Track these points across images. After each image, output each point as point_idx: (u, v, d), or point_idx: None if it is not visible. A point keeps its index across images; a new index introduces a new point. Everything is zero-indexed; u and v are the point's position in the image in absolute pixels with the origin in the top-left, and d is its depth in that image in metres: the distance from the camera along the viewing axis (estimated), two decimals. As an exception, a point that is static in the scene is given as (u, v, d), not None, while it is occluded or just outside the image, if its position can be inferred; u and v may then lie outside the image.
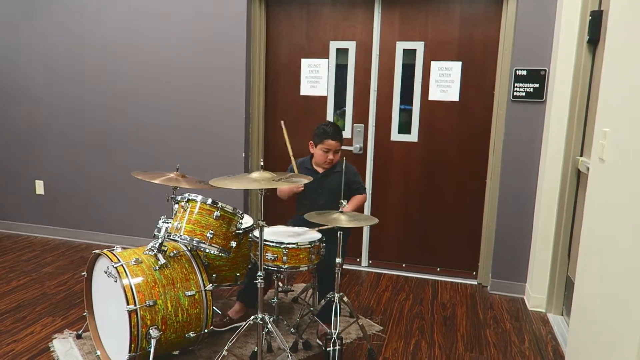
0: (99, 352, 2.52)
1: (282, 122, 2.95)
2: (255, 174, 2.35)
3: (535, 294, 3.39)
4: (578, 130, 3.10)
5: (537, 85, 3.39)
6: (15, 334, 2.82)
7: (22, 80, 4.37)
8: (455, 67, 3.69)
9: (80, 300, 3.23)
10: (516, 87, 3.42)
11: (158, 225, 2.51)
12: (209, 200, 2.48)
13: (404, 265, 4.01)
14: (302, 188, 2.94)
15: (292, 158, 2.97)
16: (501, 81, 3.54)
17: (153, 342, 2.29)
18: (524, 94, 3.41)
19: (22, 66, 4.35)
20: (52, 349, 2.66)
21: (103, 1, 4.07)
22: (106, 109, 4.22)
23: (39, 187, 4.51)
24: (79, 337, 2.75)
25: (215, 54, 3.91)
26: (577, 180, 3.15)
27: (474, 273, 3.87)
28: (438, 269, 3.94)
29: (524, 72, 3.39)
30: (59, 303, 3.23)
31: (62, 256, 4.09)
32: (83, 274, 2.60)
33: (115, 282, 2.34)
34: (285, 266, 2.53)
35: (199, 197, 2.48)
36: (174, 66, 4.01)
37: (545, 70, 3.35)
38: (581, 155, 3.09)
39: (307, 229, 2.77)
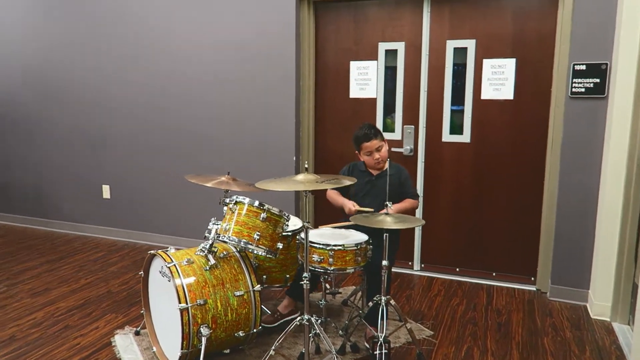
0: (155, 349, 2.64)
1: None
2: (300, 176, 2.38)
3: (599, 302, 3.20)
4: (644, 126, 2.91)
5: (598, 80, 3.21)
6: (82, 329, 3.01)
7: (91, 93, 4.67)
8: (509, 64, 3.57)
9: (140, 299, 3.40)
10: (575, 82, 3.25)
11: (209, 227, 2.60)
12: (256, 203, 2.54)
13: (457, 269, 3.91)
14: (355, 211, 2.85)
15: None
16: (558, 77, 3.38)
17: (204, 340, 2.37)
18: (583, 89, 3.24)
19: (91, 79, 4.65)
20: (113, 344, 2.82)
21: (160, 8, 4.27)
22: (165, 117, 4.43)
23: (106, 192, 4.80)
24: (137, 333, 2.90)
25: (265, 60, 4.00)
26: (643, 180, 2.95)
27: (532, 278, 3.71)
28: (493, 274, 3.81)
29: (583, 67, 3.22)
30: (121, 301, 3.42)
31: (126, 257, 4.32)
32: (140, 273, 2.74)
33: (169, 281, 2.45)
34: (332, 268, 2.54)
35: (247, 200, 2.55)
36: (228, 74, 4.14)
37: (606, 64, 3.17)
38: (648, 154, 2.90)
39: (354, 230, 2.77)
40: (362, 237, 2.67)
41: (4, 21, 4.89)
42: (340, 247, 2.54)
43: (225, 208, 2.63)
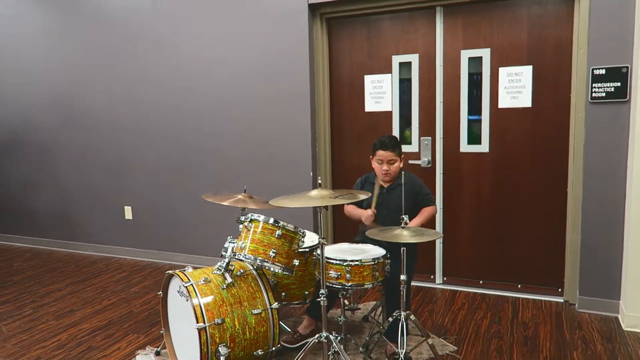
0: (175, 368, 2.64)
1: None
2: (314, 192, 2.37)
3: (631, 312, 3.07)
4: (669, 129, 2.82)
5: (619, 83, 3.13)
6: (104, 350, 3.03)
7: (111, 115, 4.77)
8: (526, 71, 3.51)
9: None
10: (594, 87, 3.18)
11: (225, 246, 2.60)
12: (271, 220, 2.54)
13: (481, 282, 3.82)
14: (370, 223, 2.84)
15: (375, 184, 2.89)
16: (577, 83, 3.31)
17: (222, 359, 2.36)
18: (604, 94, 3.16)
19: (110, 101, 4.75)
20: (135, 365, 2.84)
21: (176, 29, 4.35)
22: (182, 137, 4.48)
23: (128, 213, 4.87)
24: (157, 354, 2.90)
25: (280, 77, 4.03)
26: (671, 185, 2.84)
27: (560, 290, 3.59)
28: (519, 286, 3.71)
29: (603, 71, 3.15)
30: (143, 321, 3.43)
31: (147, 277, 4.36)
32: (159, 293, 2.76)
33: (187, 300, 2.45)
34: (349, 284, 2.51)
35: (262, 217, 2.55)
36: (241, 91, 4.18)
37: (627, 67, 3.09)
38: (674, 157, 2.79)
39: (371, 245, 2.74)
40: (380, 251, 2.63)
41: (26, 45, 5.05)
42: (357, 263, 2.51)
43: (240, 226, 2.63)
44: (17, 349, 3.07)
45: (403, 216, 2.48)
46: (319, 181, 2.43)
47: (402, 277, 2.47)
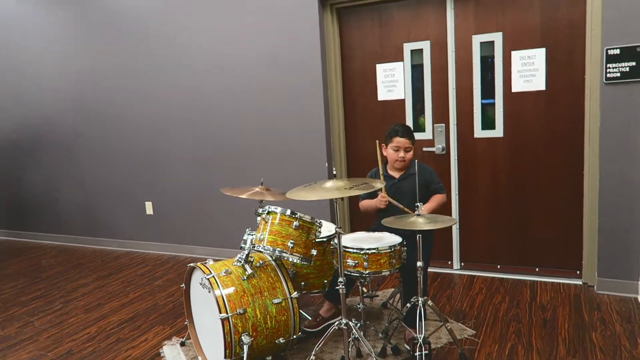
0: (200, 358, 2.72)
1: (377, 141, 2.98)
2: (329, 183, 2.41)
3: (651, 293, 3.07)
4: (686, 108, 2.78)
5: (634, 63, 3.09)
6: (132, 341, 3.14)
7: (129, 114, 4.87)
8: (539, 54, 3.49)
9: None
10: (609, 68, 3.15)
11: (244, 238, 2.67)
12: (288, 211, 2.59)
13: (498, 266, 3.83)
14: (385, 205, 2.92)
15: (379, 163, 2.94)
16: (592, 63, 3.28)
17: (245, 347, 2.44)
18: (618, 74, 3.13)
19: (127, 100, 4.84)
20: (162, 355, 2.93)
21: (188, 26, 4.41)
22: (199, 132, 4.56)
23: (149, 208, 4.98)
24: (182, 344, 2.99)
25: (293, 69, 4.06)
26: (689, 164, 2.82)
27: (578, 272, 3.60)
28: (537, 269, 3.72)
29: (617, 51, 3.11)
30: (168, 312, 3.54)
31: (170, 270, 4.47)
32: (181, 285, 2.84)
33: (209, 292, 2.53)
34: (367, 272, 2.56)
35: (279, 209, 2.61)
36: (255, 85, 4.23)
37: (642, 46, 3.06)
38: (692, 136, 2.77)
39: (387, 233, 2.78)
40: (396, 239, 2.67)
41: (45, 48, 5.16)
42: (374, 251, 2.55)
43: (258, 218, 2.69)
44: (50, 342, 3.19)
45: (417, 203, 2.52)
46: (334, 172, 2.47)
47: (419, 263, 2.51)
